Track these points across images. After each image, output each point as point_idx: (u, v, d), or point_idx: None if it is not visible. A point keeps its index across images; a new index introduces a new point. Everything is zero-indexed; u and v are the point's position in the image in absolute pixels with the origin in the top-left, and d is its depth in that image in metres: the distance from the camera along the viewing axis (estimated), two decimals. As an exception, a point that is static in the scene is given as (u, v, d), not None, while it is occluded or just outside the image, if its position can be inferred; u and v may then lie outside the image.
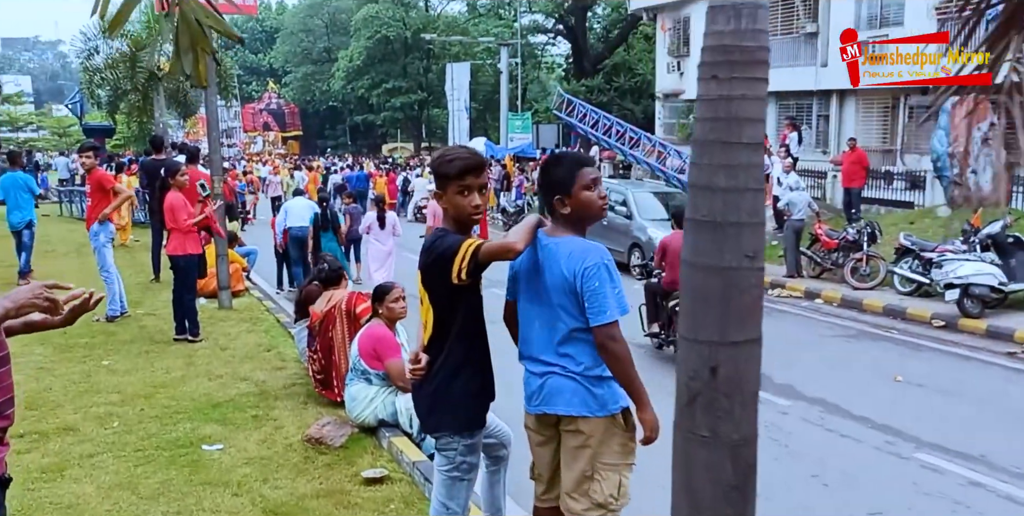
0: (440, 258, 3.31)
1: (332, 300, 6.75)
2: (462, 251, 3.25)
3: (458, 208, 3.39)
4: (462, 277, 3.27)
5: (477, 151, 3.52)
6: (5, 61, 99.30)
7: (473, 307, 3.54)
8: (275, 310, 10.74)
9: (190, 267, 9.08)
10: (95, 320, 9.74)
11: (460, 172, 3.32)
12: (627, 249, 16.48)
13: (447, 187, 3.37)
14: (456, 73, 43.49)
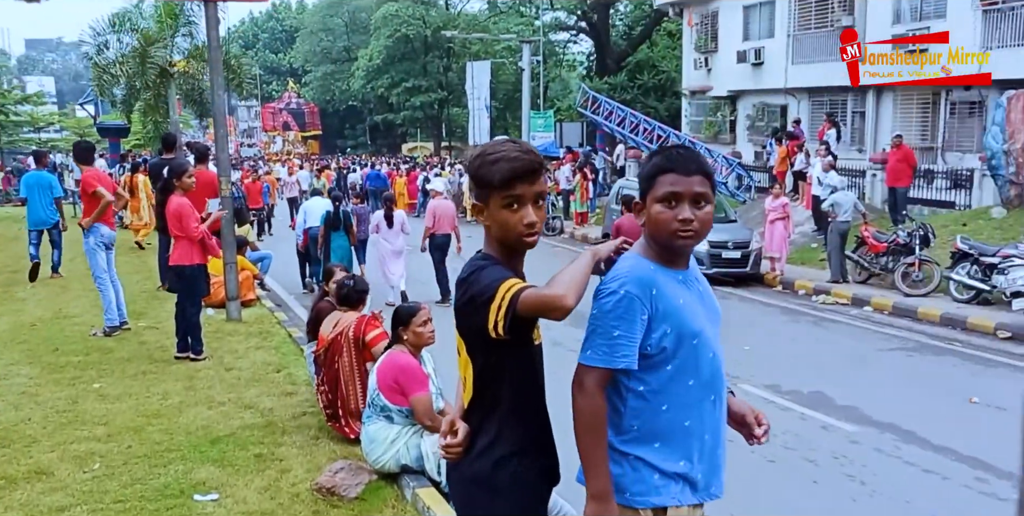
0: (474, 300, 2.37)
1: (340, 324, 5.79)
2: (499, 297, 2.31)
3: (505, 227, 2.41)
4: (499, 332, 2.33)
5: (531, 147, 2.49)
6: (29, 62, 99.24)
7: (525, 367, 2.55)
8: (287, 323, 9.81)
9: (197, 278, 8.18)
10: (92, 334, 8.87)
11: (507, 179, 2.36)
12: (660, 252, 15.49)
13: (489, 198, 2.41)
14: (476, 72, 42.49)
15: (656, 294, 2.38)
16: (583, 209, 22.33)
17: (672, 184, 2.39)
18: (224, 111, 9.41)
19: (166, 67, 18.47)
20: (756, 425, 2.60)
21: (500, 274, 2.37)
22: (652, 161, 2.48)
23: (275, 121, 55.38)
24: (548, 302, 2.26)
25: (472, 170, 2.45)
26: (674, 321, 2.38)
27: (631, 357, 2.36)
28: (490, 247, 2.52)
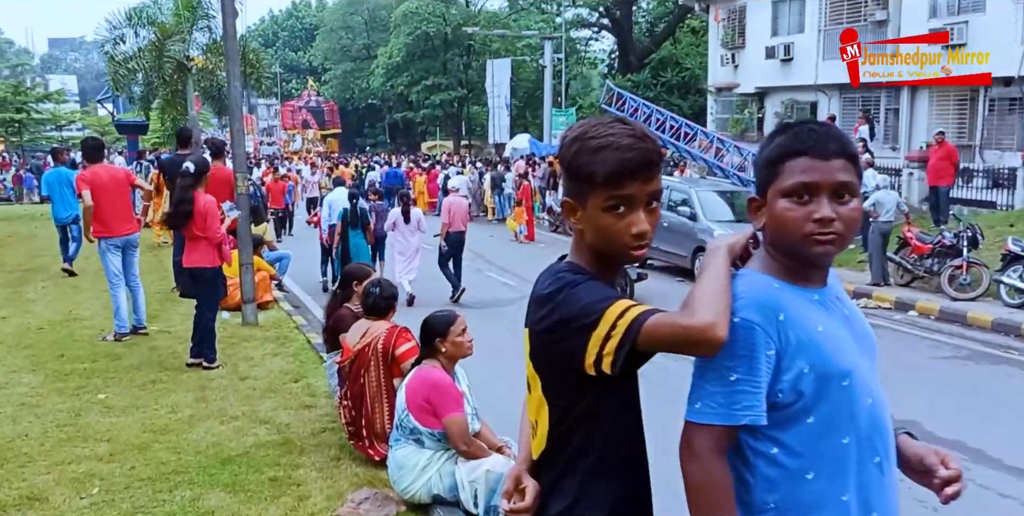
0: (565, 325, 1.80)
1: (368, 335, 5.22)
2: (606, 324, 1.74)
3: (605, 235, 1.84)
4: (604, 369, 1.76)
5: (646, 130, 1.87)
6: (52, 61, 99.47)
7: (625, 411, 1.96)
8: (306, 327, 9.25)
9: (216, 281, 7.72)
10: (101, 339, 8.37)
11: (615, 174, 1.78)
12: (691, 253, 14.88)
13: (587, 198, 1.83)
14: (496, 69, 41.99)
15: (785, 321, 1.77)
16: (608, 208, 21.73)
17: (805, 171, 1.78)
18: (240, 104, 8.87)
19: (183, 61, 17.96)
20: (941, 468, 1.86)
21: (603, 293, 1.81)
22: (775, 142, 1.86)
23: (294, 119, 54.92)
24: (692, 335, 1.68)
25: (566, 158, 1.86)
26: (813, 356, 1.77)
27: (757, 408, 1.75)
28: (579, 255, 1.94)
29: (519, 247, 19.84)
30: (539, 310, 1.86)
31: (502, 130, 42.51)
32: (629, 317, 1.73)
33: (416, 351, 4.97)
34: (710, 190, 15.77)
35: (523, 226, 20.25)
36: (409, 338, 5.19)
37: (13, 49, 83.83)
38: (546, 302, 1.84)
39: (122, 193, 8.43)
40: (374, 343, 5.16)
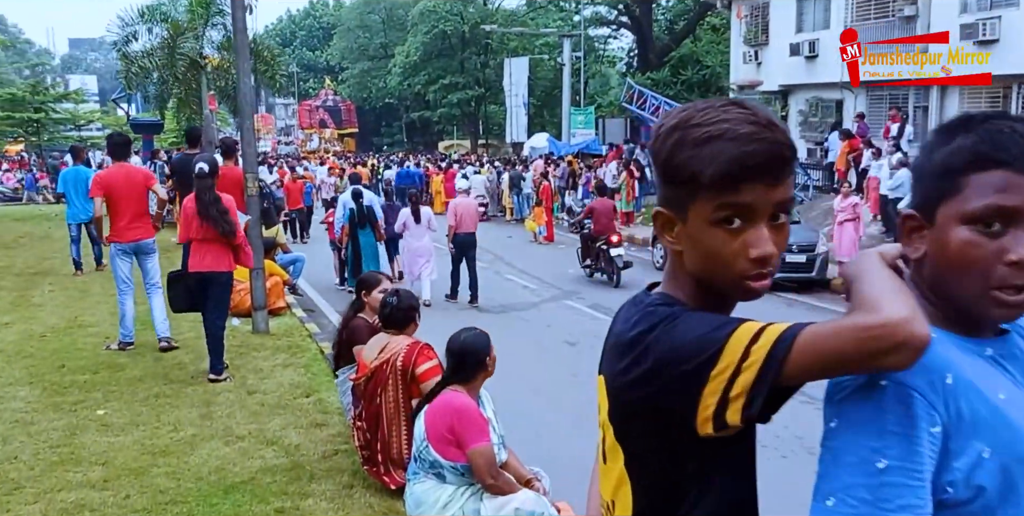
0: (663, 369, 1.29)
1: (387, 350, 4.74)
2: (732, 355, 1.24)
3: (713, 257, 1.35)
4: (730, 421, 1.25)
5: (772, 117, 1.34)
6: (72, 61, 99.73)
7: (738, 471, 1.42)
8: (319, 336, 8.78)
9: (230, 286, 7.32)
10: (105, 347, 7.96)
11: (729, 173, 1.28)
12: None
13: (689, 207, 1.34)
14: (514, 68, 41.48)
15: (954, 385, 1.24)
16: (629, 208, 21.19)
17: (1004, 191, 1.24)
18: (252, 101, 8.43)
19: (196, 59, 17.55)
20: None
21: (717, 320, 1.30)
22: (956, 143, 1.30)
23: (311, 118, 54.58)
24: (882, 335, 1.15)
25: (662, 153, 1.36)
26: (995, 436, 1.24)
27: (918, 509, 1.21)
28: (676, 285, 1.43)
29: (538, 248, 19.36)
30: (624, 357, 1.36)
31: (520, 129, 42.01)
32: (769, 338, 1.22)
33: (439, 371, 4.50)
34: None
35: (543, 227, 19.77)
36: (431, 356, 4.72)
37: (34, 50, 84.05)
38: (634, 345, 1.34)
39: (136, 197, 7.90)
40: (393, 360, 4.69)
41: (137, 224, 7.89)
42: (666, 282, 1.45)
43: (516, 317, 12.01)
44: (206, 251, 7.05)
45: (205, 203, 7.04)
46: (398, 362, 4.66)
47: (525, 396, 7.56)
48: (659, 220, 1.40)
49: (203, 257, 7.06)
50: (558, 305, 12.87)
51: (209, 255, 7.03)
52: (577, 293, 13.72)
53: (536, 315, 12.16)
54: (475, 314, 12.21)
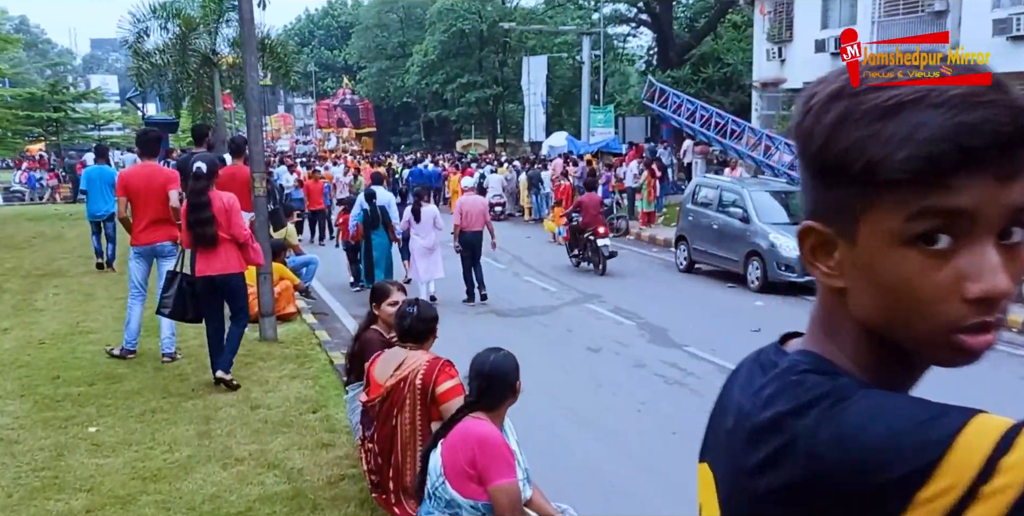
0: (824, 479, 0.76)
1: (404, 367, 4.23)
2: (965, 467, 0.71)
3: (903, 295, 0.81)
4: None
5: (1001, 79, 0.79)
6: (94, 61, 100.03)
7: None
8: (329, 344, 8.29)
9: (244, 288, 6.90)
10: (108, 351, 7.50)
11: (938, 158, 0.76)
12: (743, 258, 13.79)
13: (867, 210, 0.81)
14: (533, 67, 40.95)
15: None
16: (650, 209, 20.64)
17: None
18: (258, 96, 7.93)
19: (209, 55, 17.08)
20: None
21: (919, 408, 0.77)
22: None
23: (329, 118, 54.15)
24: None
25: (818, 130, 0.85)
26: None
27: None
28: (833, 340, 0.91)
29: (558, 249, 18.80)
30: (756, 448, 0.83)
31: (538, 128, 41.48)
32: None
33: (461, 391, 4.01)
34: (763, 190, 14.64)
35: (562, 227, 19.22)
36: (453, 373, 4.22)
37: (56, 50, 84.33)
38: (772, 433, 0.82)
39: (156, 199, 7.43)
40: (411, 377, 4.18)
41: (155, 226, 7.45)
42: (816, 335, 0.93)
43: (535, 321, 11.52)
44: (213, 254, 6.61)
45: (192, 206, 6.61)
46: (417, 380, 4.15)
47: (544, 407, 7.07)
48: (808, 240, 0.88)
49: (210, 260, 6.63)
50: (579, 309, 12.37)
51: (217, 257, 6.60)
52: (598, 296, 13.20)
53: (556, 319, 11.66)
54: (492, 318, 11.74)
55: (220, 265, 6.60)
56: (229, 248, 6.64)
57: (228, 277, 6.65)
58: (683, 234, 15.59)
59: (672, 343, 10.29)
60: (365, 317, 5.15)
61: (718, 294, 13.60)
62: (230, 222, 6.61)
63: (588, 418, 7.17)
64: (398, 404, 4.19)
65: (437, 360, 4.28)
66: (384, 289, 5.00)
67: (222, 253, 6.62)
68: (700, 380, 8.68)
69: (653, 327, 11.09)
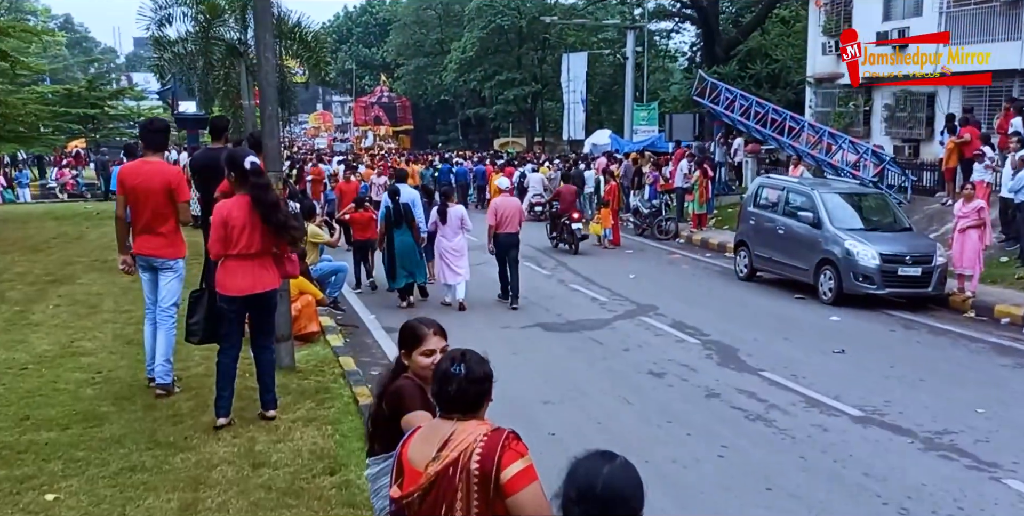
0: None
1: (452, 446, 2.82)
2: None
3: None
4: None
5: None
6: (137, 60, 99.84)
7: None
8: (356, 378, 6.89)
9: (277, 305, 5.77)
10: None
11: None
12: (814, 266, 12.32)
13: None
14: (573, 63, 39.51)
15: None
16: (702, 210, 19.15)
17: None
18: (273, 80, 6.54)
19: (235, 46, 15.76)
20: None
21: None
22: None
23: (367, 115, 52.97)
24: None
25: None
26: None
27: None
28: None
29: (605, 253, 17.45)
30: None
31: (577, 126, 40.07)
32: None
33: (534, 475, 2.68)
34: (835, 192, 13.11)
35: (609, 229, 17.85)
36: (522, 451, 2.80)
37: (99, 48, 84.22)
38: None
39: (152, 201, 6.18)
40: (464, 461, 2.78)
41: (151, 235, 6.20)
42: None
43: (587, 338, 10.17)
44: (250, 268, 5.44)
45: (267, 206, 5.38)
46: (472, 464, 2.75)
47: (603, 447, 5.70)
48: None
49: (247, 276, 5.44)
50: (634, 323, 11.00)
51: (253, 273, 5.45)
52: (654, 308, 11.83)
53: (611, 335, 10.30)
54: (538, 333, 10.41)
55: (261, 280, 5.48)
56: (265, 260, 5.49)
57: (269, 295, 5.61)
58: (743, 239, 14.14)
59: (745, 366, 8.89)
60: (391, 368, 3.73)
61: (786, 307, 12.15)
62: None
63: (658, 465, 5.84)
64: (447, 498, 2.80)
65: (499, 433, 2.85)
66: (416, 333, 3.54)
67: (259, 266, 5.46)
68: (787, 415, 7.30)
69: (720, 346, 9.70)
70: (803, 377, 8.46)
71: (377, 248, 12.12)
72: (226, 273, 5.44)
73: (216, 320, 5.63)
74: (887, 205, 13.20)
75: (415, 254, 11.41)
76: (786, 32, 33.96)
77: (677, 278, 14.59)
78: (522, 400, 7.41)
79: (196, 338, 5.74)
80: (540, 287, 13.47)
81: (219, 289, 5.45)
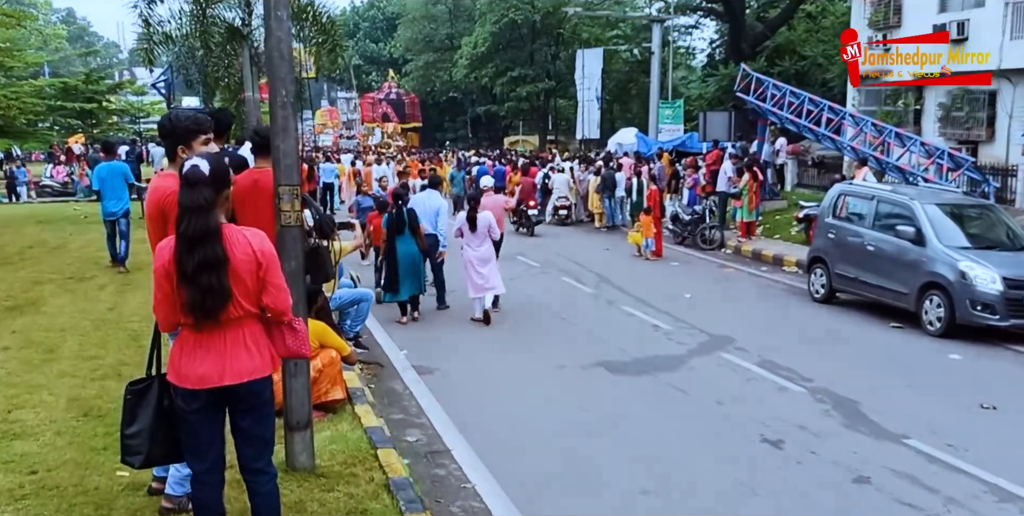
0: None
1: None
2: None
3: None
4: None
5: None
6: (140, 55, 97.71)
7: None
8: (405, 495, 4.53)
9: (272, 401, 3.62)
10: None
11: None
12: (916, 291, 10.26)
13: None
14: (587, 60, 37.33)
15: None
16: (751, 218, 17.06)
17: None
18: (287, 53, 4.47)
19: (238, 27, 13.49)
20: None
21: None
22: None
23: (374, 112, 50.76)
24: None
25: None
26: None
27: None
28: None
29: (649, 267, 15.39)
30: None
31: (591, 125, 37.95)
32: None
33: None
34: (939, 203, 11.02)
35: (650, 239, 15.78)
36: None
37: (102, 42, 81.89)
38: None
39: None
40: None
41: None
42: None
43: (664, 383, 8.13)
44: (220, 343, 3.33)
45: (187, 239, 3.30)
46: None
47: None
48: None
49: (215, 356, 3.32)
50: (714, 361, 8.96)
51: (226, 352, 3.34)
52: (730, 339, 9.80)
53: (692, 380, 8.25)
54: (603, 375, 8.37)
55: (239, 363, 3.33)
56: (253, 330, 3.39)
57: (253, 386, 3.37)
58: (820, 255, 12.08)
59: (881, 431, 6.85)
60: None
61: (886, 339, 10.09)
62: (265, 282, 3.37)
63: None
64: None
65: None
66: None
67: (239, 340, 3.35)
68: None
69: (835, 398, 7.65)
70: (964, 449, 6.43)
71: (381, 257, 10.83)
72: (182, 352, 3.37)
73: (172, 427, 3.55)
74: (1000, 219, 11.11)
75: (419, 266, 10.31)
76: (814, 28, 31.94)
77: (741, 299, 12.52)
78: (615, 488, 5.50)
79: (139, 459, 3.62)
80: (587, 310, 11.44)
81: (172, 378, 3.39)
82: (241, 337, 3.35)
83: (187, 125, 4.19)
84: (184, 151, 4.15)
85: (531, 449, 6.36)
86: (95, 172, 12.33)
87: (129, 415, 3.64)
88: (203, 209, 3.30)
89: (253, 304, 3.37)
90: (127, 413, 3.64)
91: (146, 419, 3.56)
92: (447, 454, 6.18)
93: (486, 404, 7.43)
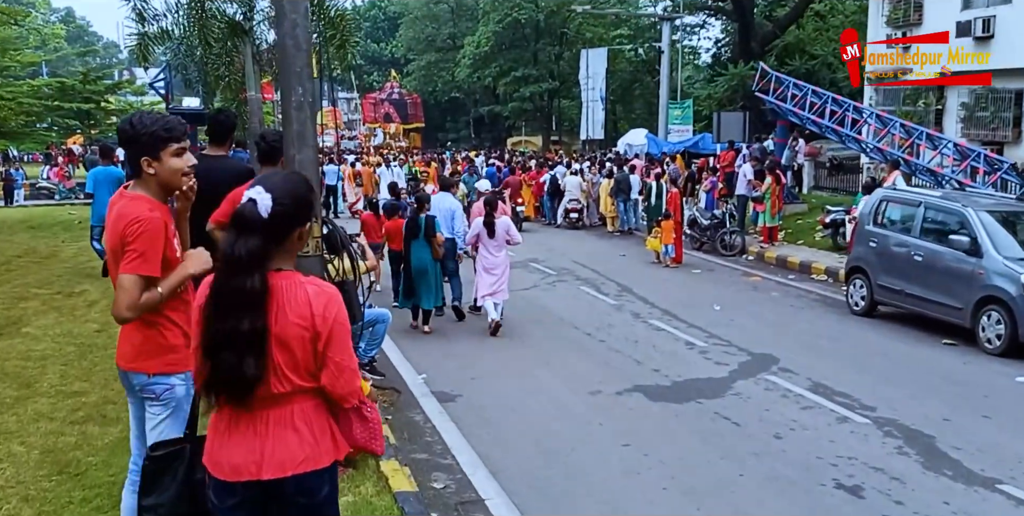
0: None
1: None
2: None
3: None
4: None
5: None
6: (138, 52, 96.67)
7: None
8: None
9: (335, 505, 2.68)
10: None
11: None
12: (972, 306, 9.39)
13: None
14: (592, 60, 36.51)
15: None
16: (774, 223, 16.18)
17: None
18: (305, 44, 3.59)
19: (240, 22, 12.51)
20: None
21: None
22: None
23: (376, 112, 49.73)
24: None
25: None
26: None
27: None
28: None
29: (670, 274, 14.50)
30: None
31: (595, 125, 37.17)
32: None
33: None
34: (992, 210, 10.13)
35: (671, 245, 14.90)
36: None
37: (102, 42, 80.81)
38: None
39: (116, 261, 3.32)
40: None
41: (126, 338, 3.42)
42: None
43: (711, 412, 7.25)
44: (258, 422, 2.40)
45: (221, 298, 2.41)
46: None
47: None
48: None
49: (254, 442, 2.41)
50: (761, 385, 8.08)
51: (270, 435, 2.42)
52: (773, 359, 8.93)
53: (741, 408, 7.36)
54: (642, 402, 7.49)
55: (281, 451, 2.31)
56: (305, 408, 2.45)
57: (305, 483, 2.44)
58: (861, 265, 11.20)
59: (969, 474, 5.96)
60: None
61: (943, 360, 9.20)
62: (324, 357, 2.46)
63: None
64: None
65: None
66: None
67: (286, 421, 2.33)
68: None
69: (907, 432, 6.76)
70: (1069, 496, 5.56)
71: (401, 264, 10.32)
72: (216, 430, 2.48)
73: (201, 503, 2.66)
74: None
75: (431, 273, 9.76)
76: (823, 27, 31.08)
77: (774, 311, 11.62)
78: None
79: None
80: (613, 325, 10.55)
81: (207, 462, 2.51)
82: (288, 417, 2.43)
83: (154, 131, 3.16)
84: (150, 164, 3.20)
85: (574, 498, 5.49)
86: (91, 175, 11.67)
87: (148, 483, 2.74)
88: (245, 266, 2.39)
89: (305, 378, 2.45)
90: (146, 480, 2.75)
91: (171, 492, 2.67)
92: (480, 505, 5.32)
93: (517, 440, 6.55)
